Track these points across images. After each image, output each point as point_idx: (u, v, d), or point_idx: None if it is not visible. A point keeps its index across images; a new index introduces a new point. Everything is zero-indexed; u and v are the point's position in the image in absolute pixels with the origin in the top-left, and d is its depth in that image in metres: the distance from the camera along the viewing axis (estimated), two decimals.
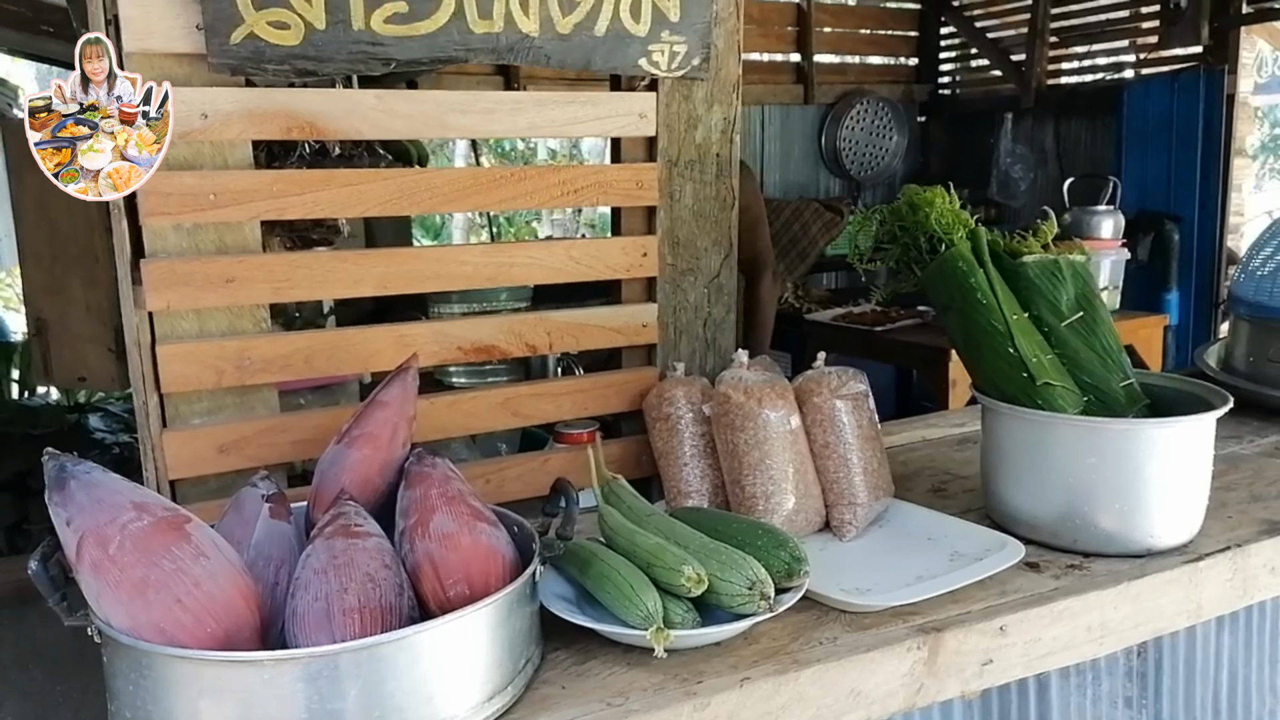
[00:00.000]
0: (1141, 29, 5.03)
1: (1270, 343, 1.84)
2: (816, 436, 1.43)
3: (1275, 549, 1.34)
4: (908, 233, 1.45)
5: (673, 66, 1.45)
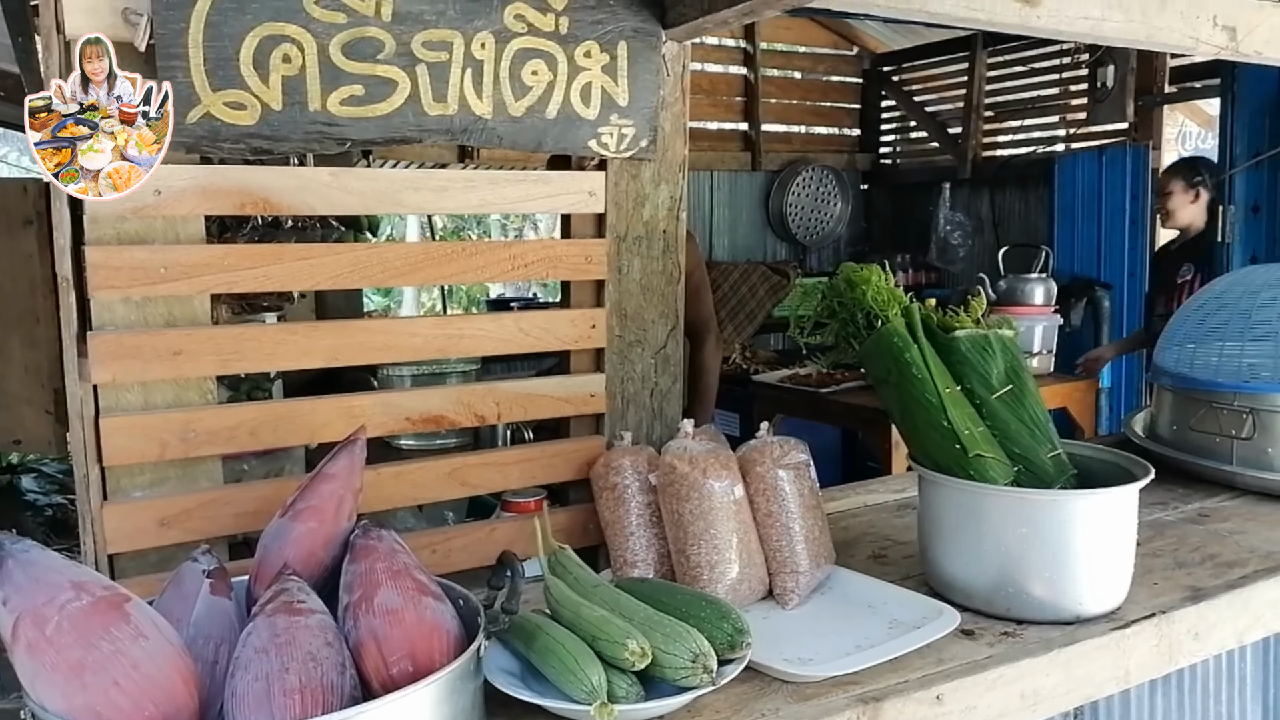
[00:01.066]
0: (1071, 105, 5.28)
1: (1192, 412, 1.93)
2: (760, 506, 1.46)
3: (1198, 615, 1.39)
4: (846, 308, 1.50)
5: (621, 148, 1.51)
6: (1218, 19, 2.08)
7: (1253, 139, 3.02)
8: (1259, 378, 1.83)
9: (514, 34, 1.39)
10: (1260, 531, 1.65)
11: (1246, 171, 3.06)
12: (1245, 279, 2.00)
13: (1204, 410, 1.89)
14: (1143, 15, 2.02)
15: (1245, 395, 1.82)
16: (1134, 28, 2.02)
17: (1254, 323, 1.87)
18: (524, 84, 1.41)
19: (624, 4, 1.47)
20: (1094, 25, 1.99)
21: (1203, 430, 1.90)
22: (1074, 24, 1.97)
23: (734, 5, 1.34)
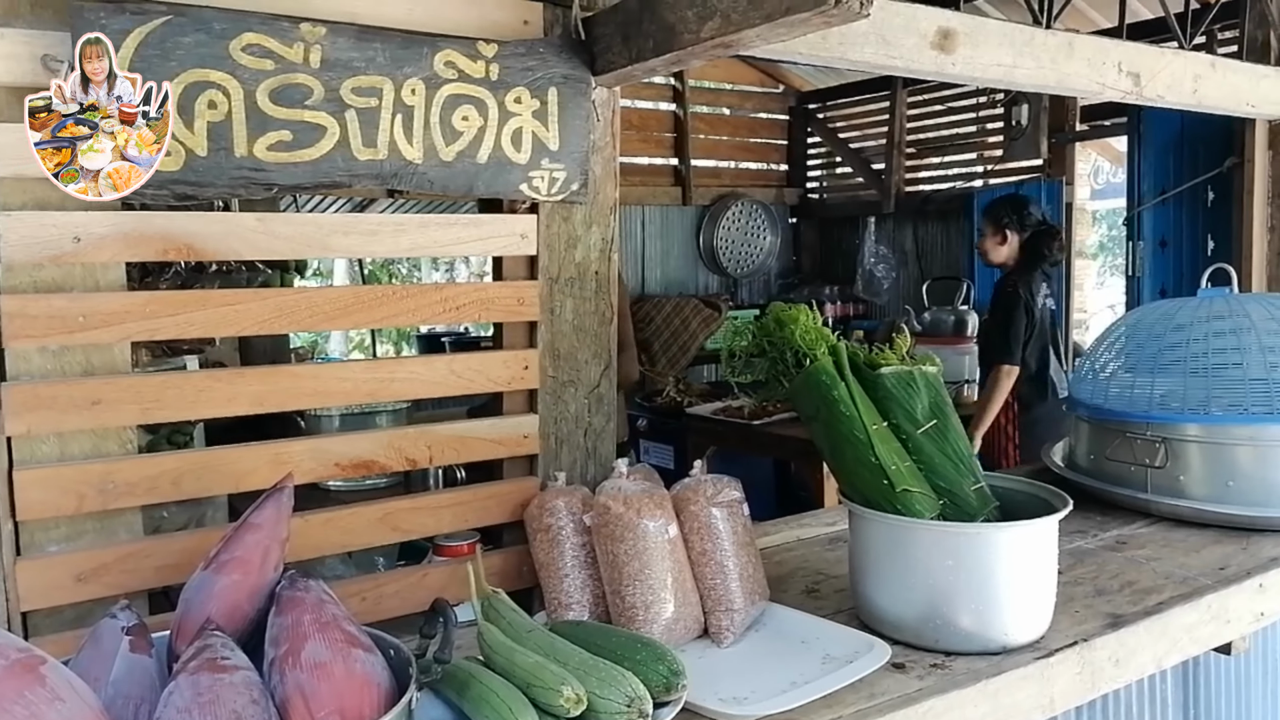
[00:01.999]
0: (988, 143, 5.48)
1: (1108, 442, 2.00)
2: (694, 544, 1.47)
3: (1119, 642, 1.44)
4: (775, 347, 1.53)
5: (552, 191, 1.52)
6: (1122, 65, 2.19)
7: (1159, 176, 3.18)
8: (1169, 408, 1.91)
9: (444, 80, 1.39)
10: (1175, 558, 1.72)
11: (1154, 208, 3.21)
12: (1155, 312, 2.09)
13: (1119, 440, 1.97)
14: (1052, 62, 2.12)
15: (1157, 425, 1.89)
16: (1044, 74, 2.12)
17: (1165, 354, 1.95)
18: (455, 129, 1.41)
19: (554, 52, 1.49)
20: (1006, 71, 2.08)
21: (1118, 459, 1.97)
22: (987, 70, 2.06)
23: (661, 55, 1.37)
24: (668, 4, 1.36)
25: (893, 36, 1.93)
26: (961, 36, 2.01)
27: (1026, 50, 2.10)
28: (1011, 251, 3.90)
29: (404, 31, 1.38)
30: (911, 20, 1.96)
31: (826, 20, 1.18)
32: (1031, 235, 3.84)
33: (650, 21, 1.39)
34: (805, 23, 1.19)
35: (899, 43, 1.94)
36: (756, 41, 1.30)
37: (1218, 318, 1.97)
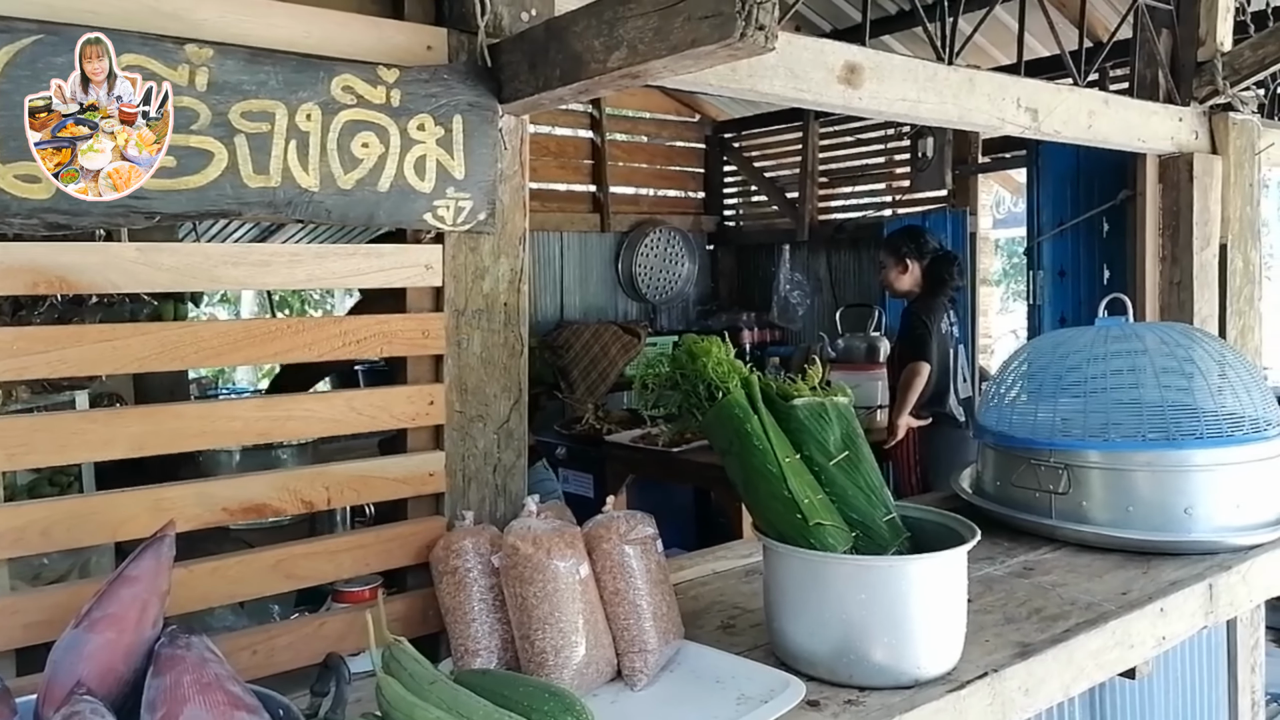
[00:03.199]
0: (896, 174, 5.63)
1: (1014, 468, 2.04)
2: (607, 584, 1.43)
3: (1028, 671, 1.45)
4: (688, 380, 1.51)
5: (458, 221, 1.48)
6: (1021, 101, 2.26)
7: (1057, 208, 3.29)
8: (1071, 434, 1.95)
9: (342, 105, 1.34)
10: (1080, 583, 1.75)
11: (1053, 238, 3.33)
12: (1056, 341, 2.15)
13: (1024, 466, 2.00)
14: (954, 98, 2.17)
15: (1060, 451, 1.93)
16: (947, 108, 2.17)
17: (1066, 382, 2.00)
18: (354, 156, 1.36)
19: (459, 78, 1.45)
20: (911, 106, 2.12)
21: (1023, 486, 2.00)
22: (893, 104, 2.10)
23: (568, 84, 1.35)
24: (575, 33, 1.34)
25: (801, 70, 1.95)
26: (867, 71, 2.04)
27: (930, 86, 2.15)
28: (914, 280, 4.04)
29: (298, 55, 1.33)
30: (819, 55, 1.98)
31: (732, 53, 1.17)
32: (931, 262, 3.97)
33: (557, 50, 1.37)
34: (711, 55, 1.17)
35: (807, 76, 1.96)
36: (664, 73, 1.28)
37: (1115, 345, 2.03)
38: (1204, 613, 1.73)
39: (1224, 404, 1.92)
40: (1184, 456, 1.86)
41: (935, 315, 3.95)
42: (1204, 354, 2.00)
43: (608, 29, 1.29)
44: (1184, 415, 1.89)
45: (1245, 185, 2.74)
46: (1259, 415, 1.92)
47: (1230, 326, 2.75)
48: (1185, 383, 1.95)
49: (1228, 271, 2.73)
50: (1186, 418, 1.89)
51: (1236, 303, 2.75)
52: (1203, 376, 1.93)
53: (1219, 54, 2.65)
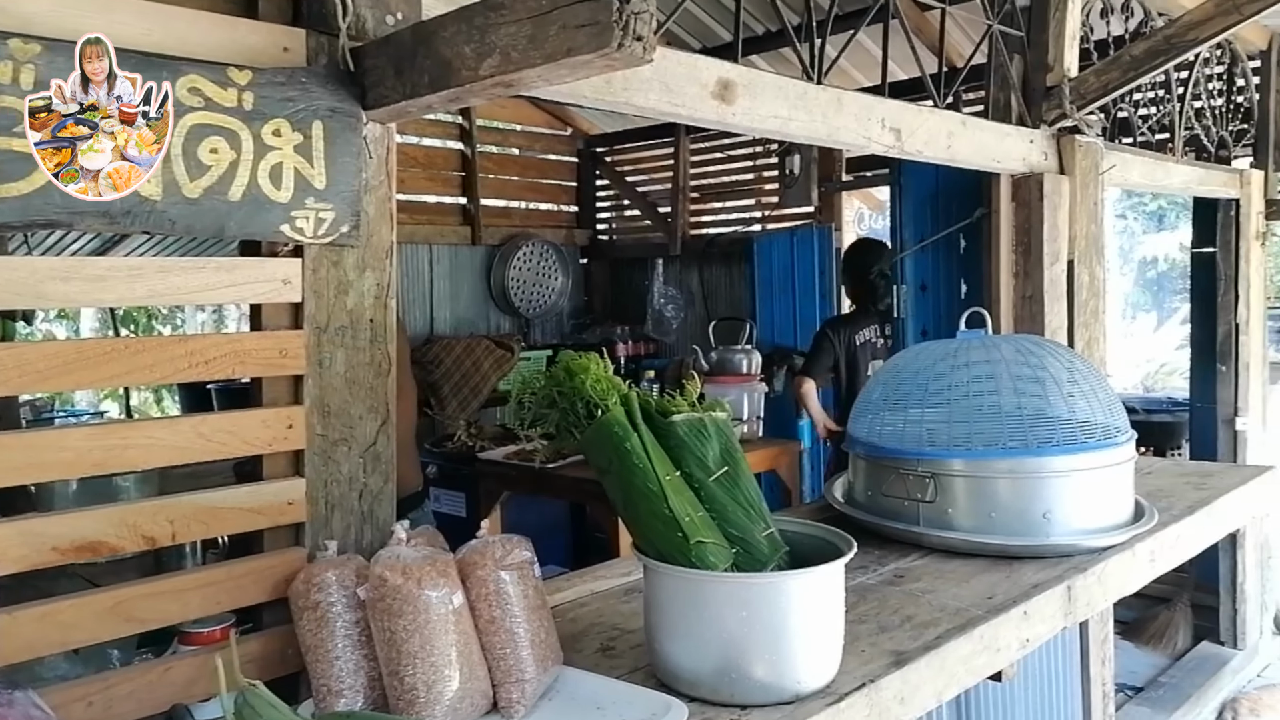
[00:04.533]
0: (765, 190, 5.76)
1: (883, 478, 2.08)
2: (481, 612, 1.37)
3: (903, 680, 1.47)
4: (565, 397, 1.47)
5: (319, 233, 1.39)
6: (885, 121, 2.33)
7: (919, 225, 3.42)
8: (937, 444, 2.01)
9: (188, 108, 1.24)
10: (948, 589, 1.79)
11: (915, 255, 3.45)
12: (920, 353, 2.21)
13: (893, 476, 2.05)
14: (824, 116, 2.22)
15: (926, 461, 1.99)
16: (816, 126, 2.21)
17: (930, 392, 2.06)
18: (201, 163, 1.26)
19: (318, 82, 1.37)
20: (782, 123, 2.15)
21: (893, 495, 2.05)
22: (765, 121, 2.12)
23: (438, 91, 1.29)
24: (444, 39, 1.28)
25: (676, 85, 1.95)
26: (740, 88, 2.06)
27: (800, 104, 2.18)
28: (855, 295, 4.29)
29: (139, 53, 1.22)
30: (693, 70, 1.99)
31: (609, 64, 1.14)
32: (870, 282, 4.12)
33: (425, 56, 1.31)
34: (588, 65, 1.14)
35: (682, 91, 1.96)
36: (538, 81, 1.24)
37: (975, 356, 2.10)
38: (1063, 614, 1.81)
39: (1075, 412, 2.01)
40: (1041, 463, 1.94)
41: (842, 329, 4.14)
42: (1056, 364, 2.09)
43: (479, 35, 1.24)
44: (1040, 423, 1.97)
45: (1090, 204, 2.92)
46: (1109, 422, 2.02)
47: (1078, 338, 2.92)
48: (1040, 391, 2.03)
49: (1075, 286, 2.89)
50: (1043, 426, 1.97)
51: (1083, 315, 2.92)
52: (1056, 385, 2.02)
53: (1066, 79, 2.81)
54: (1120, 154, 3.19)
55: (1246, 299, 4.27)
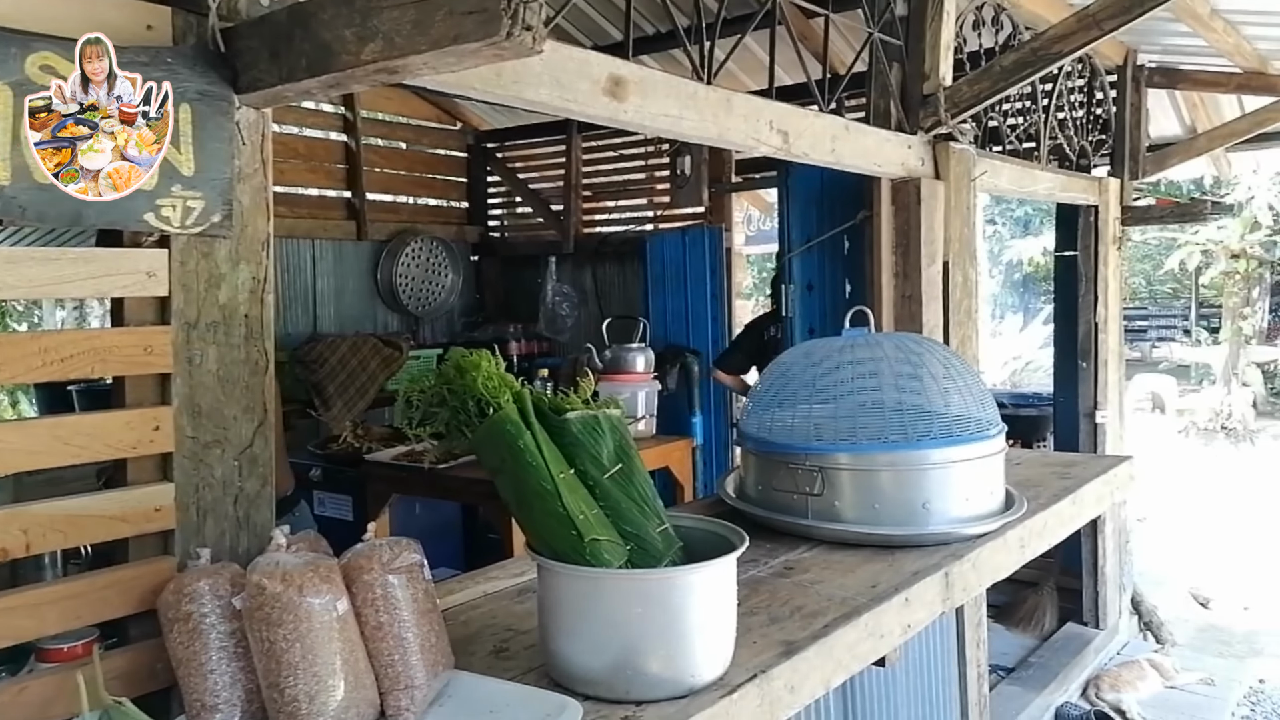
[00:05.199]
0: (656, 190, 5.79)
1: (774, 472, 2.11)
2: (368, 618, 1.32)
3: (793, 669, 1.49)
4: (456, 396, 1.43)
5: (188, 223, 1.31)
6: (773, 124, 2.37)
7: (805, 226, 3.50)
8: (824, 438, 2.05)
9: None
10: (835, 579, 1.83)
11: (801, 255, 3.53)
12: (808, 350, 2.26)
13: (783, 470, 2.08)
14: (714, 117, 2.24)
15: (815, 455, 2.03)
16: (707, 126, 2.23)
17: (818, 389, 2.11)
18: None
19: (185, 63, 1.29)
20: (674, 122, 2.16)
21: (782, 489, 2.08)
22: (656, 120, 2.13)
23: (316, 76, 1.24)
24: (323, 21, 1.23)
25: (567, 80, 1.93)
26: (632, 85, 2.06)
27: (691, 104, 2.20)
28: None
29: None
30: (585, 65, 1.98)
31: (498, 53, 1.12)
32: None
33: (303, 39, 1.25)
34: (475, 53, 1.12)
35: (573, 86, 1.94)
36: (423, 69, 1.21)
37: (859, 353, 2.16)
38: (942, 600, 1.87)
39: (951, 406, 2.09)
40: (921, 456, 2.00)
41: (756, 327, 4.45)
42: (934, 361, 2.17)
43: (360, 19, 1.20)
44: (919, 418, 2.04)
45: (963, 209, 3.04)
46: (982, 416, 2.10)
47: (953, 336, 3.04)
48: (919, 387, 2.10)
49: (950, 286, 3.01)
50: (922, 420, 2.04)
51: (958, 314, 3.04)
52: (934, 381, 2.10)
53: (942, 88, 2.92)
54: (991, 161, 3.34)
55: (1105, 299, 4.53)
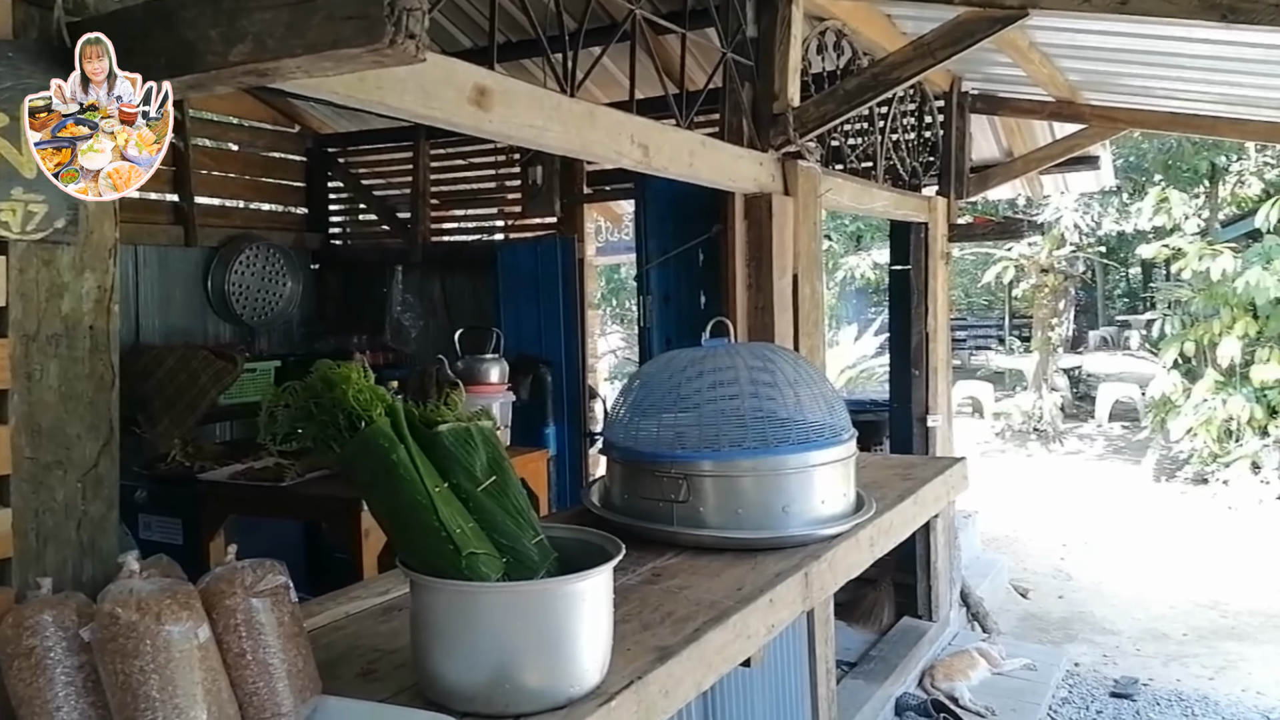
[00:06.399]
0: (508, 199, 5.76)
1: (639, 481, 2.15)
2: (231, 645, 1.26)
3: (667, 674, 1.52)
4: (324, 410, 1.39)
5: (28, 228, 1.22)
6: (635, 137, 2.41)
7: (661, 238, 3.57)
8: (688, 446, 2.10)
9: None
10: (703, 583, 1.88)
11: (659, 267, 3.60)
12: (670, 361, 2.31)
13: (648, 478, 2.12)
14: (577, 129, 2.26)
15: (680, 463, 2.07)
16: (571, 138, 2.25)
17: (681, 397, 2.16)
18: None
19: (28, 58, 1.20)
20: (538, 133, 2.17)
21: (648, 497, 2.12)
22: (522, 130, 2.13)
23: (177, 76, 1.17)
24: (185, 19, 1.17)
25: (433, 88, 1.90)
26: (497, 95, 2.05)
27: (555, 115, 2.21)
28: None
29: None
30: (450, 73, 1.96)
31: (379, 60, 1.10)
32: None
33: (163, 37, 1.19)
34: (355, 59, 1.09)
35: (439, 95, 1.92)
36: (297, 73, 1.17)
37: (720, 362, 2.23)
38: (802, 599, 1.96)
39: (806, 413, 2.19)
40: (780, 461, 2.09)
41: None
42: (789, 369, 2.26)
43: (227, 19, 1.15)
44: (778, 424, 2.13)
45: (811, 223, 3.19)
46: (834, 422, 2.21)
47: (802, 345, 3.18)
48: (776, 394, 2.19)
49: (799, 298, 3.15)
50: (781, 426, 2.12)
51: (806, 325, 3.18)
52: (791, 389, 2.19)
53: (791, 108, 3.05)
54: (835, 178, 3.52)
55: (934, 311, 4.86)
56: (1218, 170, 12.21)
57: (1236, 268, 8.63)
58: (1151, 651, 5.49)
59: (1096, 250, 14.09)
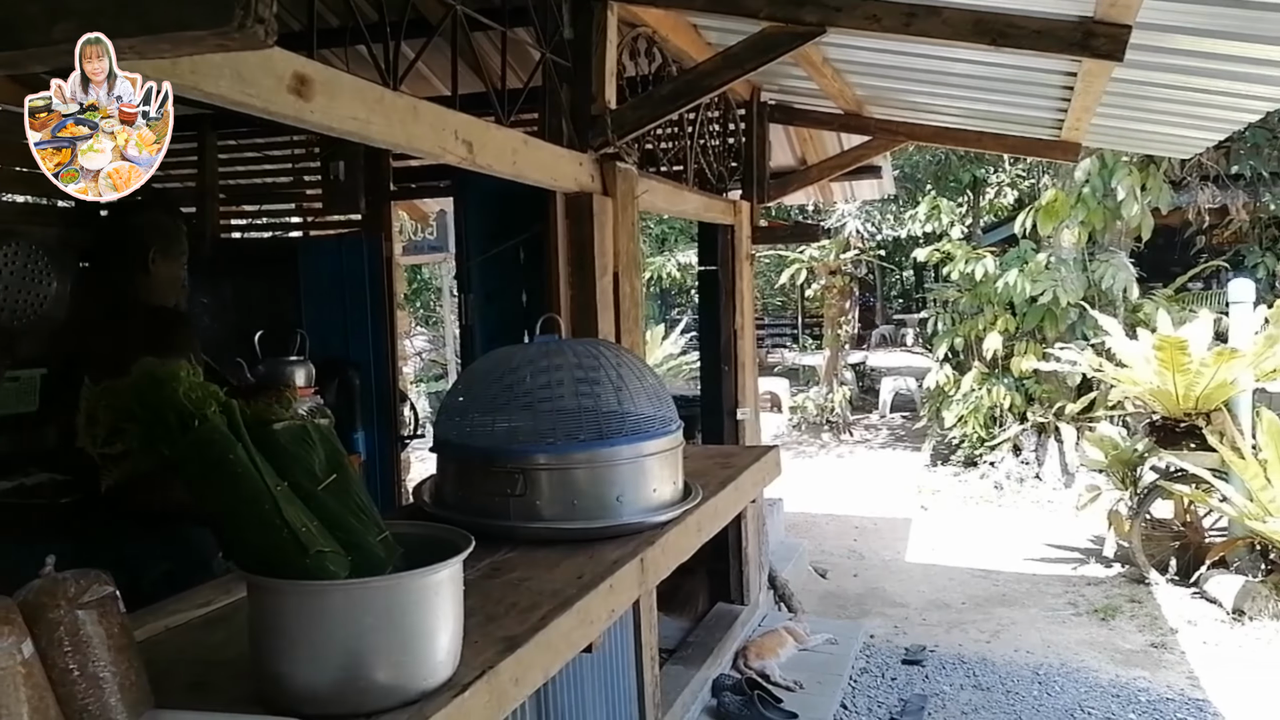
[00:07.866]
0: (307, 195, 5.51)
1: (475, 477, 2.15)
2: (56, 660, 1.18)
3: (517, 662, 1.54)
4: (151, 410, 1.32)
5: None
6: (459, 133, 2.41)
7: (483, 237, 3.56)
8: (523, 441, 2.13)
9: None
10: (543, 575, 1.91)
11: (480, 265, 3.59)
12: (501, 358, 2.32)
13: (483, 474, 2.13)
14: (401, 123, 2.23)
15: (515, 458, 2.10)
16: (395, 132, 2.22)
17: (515, 394, 2.18)
18: None
19: None
20: (362, 125, 2.12)
21: (484, 493, 2.13)
22: (344, 122, 2.08)
23: None
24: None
25: (250, 75, 1.82)
26: (319, 85, 1.99)
27: (378, 108, 2.17)
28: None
29: None
30: (268, 60, 1.88)
31: (223, 43, 1.06)
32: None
33: None
34: (198, 42, 1.05)
35: (257, 82, 1.84)
36: (129, 54, 1.11)
37: (551, 359, 2.27)
38: (639, 584, 2.03)
39: (637, 406, 2.27)
40: (613, 452, 2.15)
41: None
42: (618, 364, 2.33)
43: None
44: (610, 417, 2.19)
45: (629, 224, 3.28)
46: (662, 414, 2.30)
47: (624, 342, 3.26)
48: (606, 388, 2.26)
49: (620, 296, 3.23)
50: (612, 419, 2.19)
51: (627, 323, 3.27)
52: (622, 382, 2.26)
53: (608, 111, 3.13)
54: (650, 181, 3.64)
55: (741, 309, 5.10)
56: (979, 181, 13.49)
57: (997, 269, 9.59)
58: (936, 620, 6.02)
59: (876, 254, 15.21)
